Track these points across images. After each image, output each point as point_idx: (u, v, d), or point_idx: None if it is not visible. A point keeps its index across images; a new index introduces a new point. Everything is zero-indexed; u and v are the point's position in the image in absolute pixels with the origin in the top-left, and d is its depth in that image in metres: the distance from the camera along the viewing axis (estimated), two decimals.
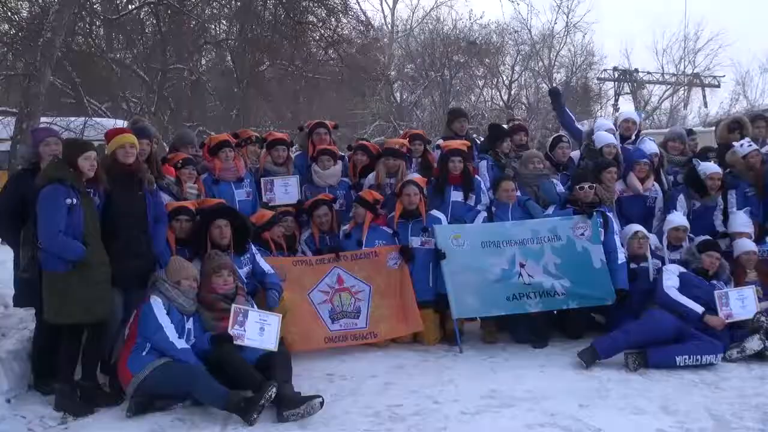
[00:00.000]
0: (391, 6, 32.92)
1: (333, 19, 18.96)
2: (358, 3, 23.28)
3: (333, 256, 7.07)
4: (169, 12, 18.46)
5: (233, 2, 20.74)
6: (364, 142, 8.79)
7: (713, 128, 10.61)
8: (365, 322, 7.04)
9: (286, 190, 7.68)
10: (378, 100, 28.73)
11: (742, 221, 7.60)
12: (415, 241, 7.18)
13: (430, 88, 31.06)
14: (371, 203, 7.24)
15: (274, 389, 5.05)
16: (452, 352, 6.92)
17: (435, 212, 7.33)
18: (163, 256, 5.93)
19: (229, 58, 22.12)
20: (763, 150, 8.07)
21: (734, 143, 8.14)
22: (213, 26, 22.04)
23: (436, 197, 7.55)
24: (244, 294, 5.95)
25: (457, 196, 7.57)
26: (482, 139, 9.11)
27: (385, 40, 31.50)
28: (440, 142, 8.16)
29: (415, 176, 7.40)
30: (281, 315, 5.92)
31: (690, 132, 9.46)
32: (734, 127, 8.70)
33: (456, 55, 31.49)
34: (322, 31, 19.13)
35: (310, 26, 18.98)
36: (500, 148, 8.17)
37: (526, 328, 7.19)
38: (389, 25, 32.86)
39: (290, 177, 7.78)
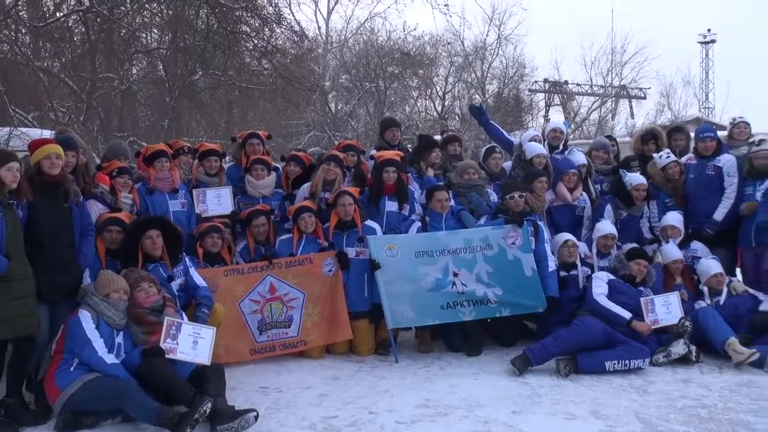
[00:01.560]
0: (325, 17, 32.98)
1: (267, 29, 18.88)
2: (292, 13, 23.29)
3: (266, 264, 7.01)
4: (98, 20, 18.09)
5: (165, 11, 20.47)
6: (298, 152, 8.77)
7: None
8: (297, 331, 7.01)
9: (218, 201, 7.60)
10: (313, 110, 28.67)
11: (674, 217, 7.90)
12: (350, 252, 7.19)
13: (364, 99, 31.15)
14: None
15: (209, 404, 4.96)
16: (387, 362, 6.94)
17: (370, 222, 7.34)
18: (91, 269, 5.80)
19: (161, 67, 21.81)
20: (682, 160, 8.34)
21: (654, 155, 8.39)
22: (144, 35, 21.70)
23: (371, 207, 7.58)
24: (173, 306, 5.84)
25: (391, 206, 7.60)
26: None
27: (320, 50, 31.48)
28: (374, 152, 8.21)
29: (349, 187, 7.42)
30: (215, 328, 5.85)
31: (610, 138, 9.70)
32: (648, 138, 8.98)
33: (390, 66, 31.67)
34: (256, 41, 19.03)
35: (244, 36, 18.86)
36: (427, 159, 8.24)
37: (460, 337, 7.26)
38: (324, 36, 32.88)
39: (223, 188, 7.71)
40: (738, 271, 8.08)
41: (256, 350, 6.91)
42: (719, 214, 7.85)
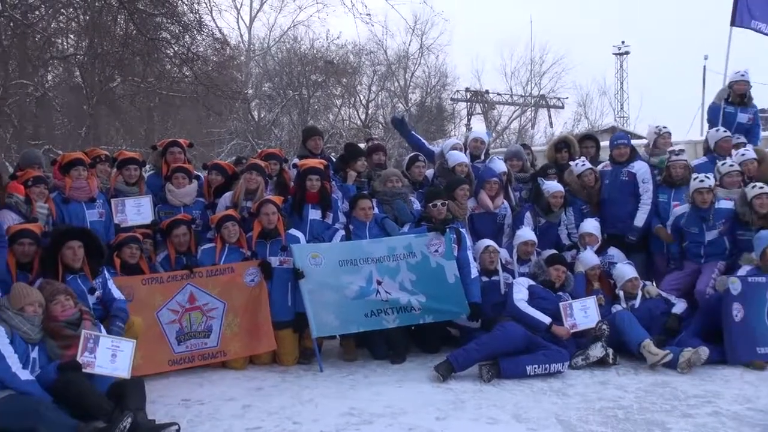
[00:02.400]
0: (247, 24, 32.66)
1: (187, 36, 18.56)
2: (214, 20, 22.93)
3: (186, 273, 6.90)
4: (11, 24, 17.49)
5: (81, 17, 19.93)
6: (220, 161, 8.68)
7: None
8: (216, 341, 6.92)
9: (138, 211, 7.45)
10: (235, 118, 28.39)
11: (591, 225, 8.12)
12: (273, 261, 7.14)
13: (288, 107, 31.01)
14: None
15: (128, 419, 4.85)
16: (312, 372, 6.91)
17: (293, 231, 7.31)
18: (2, 283, 5.60)
19: (78, 73, 21.23)
20: (598, 168, 8.59)
21: (571, 163, 8.62)
22: (60, 40, 21.08)
23: (294, 216, 7.55)
24: (90, 318, 5.69)
25: (315, 214, 7.58)
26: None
27: (242, 58, 31.16)
28: (296, 160, 8.19)
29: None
30: (134, 340, 5.71)
31: (525, 146, 9.93)
32: (561, 146, 9.25)
33: (314, 74, 31.62)
34: (176, 48, 18.69)
35: (164, 43, 18.51)
36: (353, 168, 8.27)
37: (384, 345, 7.29)
38: (246, 43, 32.56)
39: (142, 197, 7.56)
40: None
41: (174, 361, 6.79)
42: (639, 221, 8.14)
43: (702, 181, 7.54)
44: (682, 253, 7.87)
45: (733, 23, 9.53)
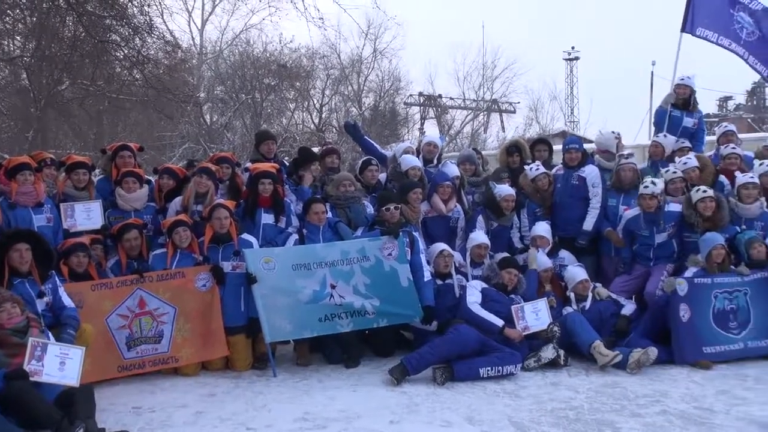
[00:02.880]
0: (199, 27, 32.31)
1: (138, 39, 18.30)
2: (165, 23, 22.60)
3: (136, 277, 6.80)
4: None
5: (28, 18, 19.52)
6: (171, 165, 8.58)
7: None
8: (167, 347, 6.83)
9: (88, 216, 7.33)
10: (187, 122, 28.04)
11: (543, 227, 8.25)
12: (226, 266, 7.08)
13: (241, 111, 30.73)
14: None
15: (80, 429, 4.77)
16: (265, 377, 6.86)
17: (246, 236, 7.26)
18: None
19: (25, 76, 20.77)
20: (553, 172, 8.71)
21: (525, 167, 8.72)
22: (6, 42, 20.62)
23: (247, 220, 7.50)
24: (38, 326, 5.57)
25: (267, 218, 7.55)
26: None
27: (194, 61, 30.82)
28: (249, 164, 8.14)
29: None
30: (84, 348, 5.62)
31: (475, 151, 10.01)
32: (513, 150, 9.37)
33: (267, 77, 31.40)
34: (126, 51, 18.41)
35: (113, 45, 18.23)
36: (307, 171, 8.24)
37: (338, 349, 7.28)
38: (198, 47, 32.21)
39: (92, 202, 7.44)
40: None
41: (124, 367, 6.69)
42: (588, 224, 8.27)
43: (647, 186, 7.70)
44: (632, 256, 8.02)
45: (683, 29, 9.74)
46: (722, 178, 8.37)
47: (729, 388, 6.25)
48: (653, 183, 7.73)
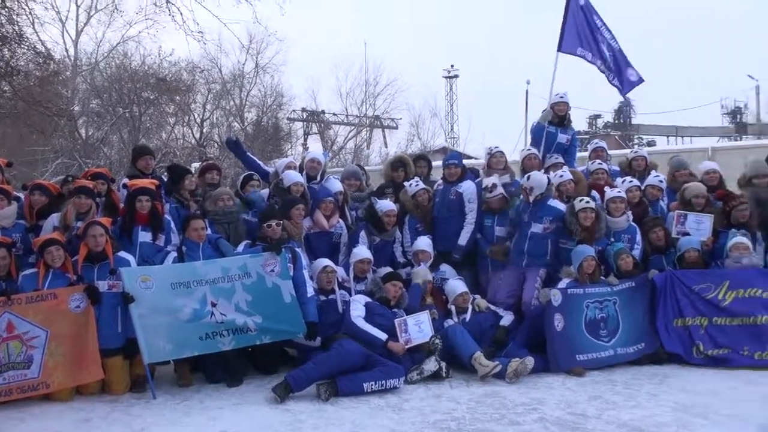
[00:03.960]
0: (73, 38, 31.13)
1: (6, 50, 17.51)
2: (36, 33, 21.63)
3: (3, 299, 6.46)
4: None
5: None
6: (42, 181, 8.23)
7: None
8: (37, 372, 6.50)
9: None
10: (60, 136, 26.98)
11: (424, 242, 8.35)
12: (101, 286, 6.81)
13: (118, 125, 29.82)
14: None
15: None
16: (144, 399, 6.64)
17: (123, 254, 7.03)
18: None
19: None
20: (434, 187, 8.87)
21: (405, 183, 8.86)
22: None
23: (124, 238, 7.27)
24: None
25: (145, 236, 7.34)
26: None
27: (68, 73, 29.67)
28: (126, 180, 7.91)
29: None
30: None
31: (360, 167, 10.11)
32: (397, 165, 9.52)
33: (145, 91, 30.60)
34: None
35: None
36: (183, 188, 8.10)
37: (220, 368, 7.14)
38: (72, 58, 31.01)
39: None
40: None
41: None
42: (463, 239, 8.47)
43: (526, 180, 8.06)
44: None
45: (559, 49, 10.14)
46: (593, 192, 8.76)
47: (600, 394, 6.54)
48: (527, 178, 8.02)
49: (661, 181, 8.94)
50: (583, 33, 10.24)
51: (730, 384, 6.73)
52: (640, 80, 10.46)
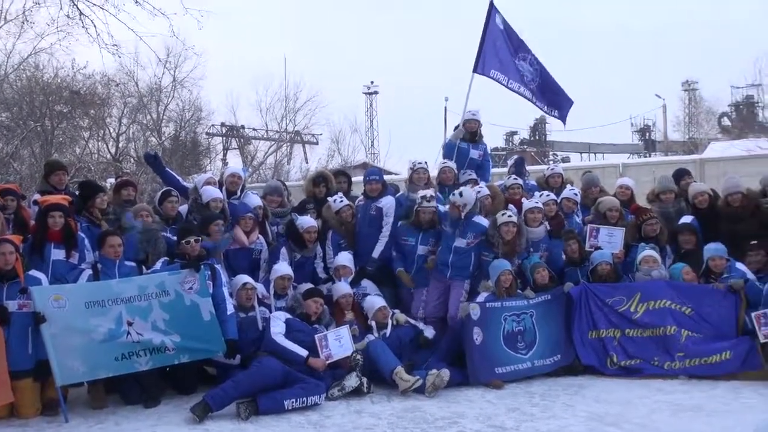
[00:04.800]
0: None
1: None
2: None
3: None
4: None
5: None
6: None
7: None
8: None
9: None
10: None
11: (345, 257, 8.41)
12: (11, 305, 6.56)
13: (29, 139, 28.83)
14: None
15: None
16: (56, 423, 6.43)
17: (34, 272, 6.80)
18: None
19: None
20: (356, 203, 8.91)
21: (329, 198, 8.86)
22: None
23: (35, 256, 7.04)
24: None
25: (58, 254, 7.12)
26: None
27: None
28: (37, 197, 7.67)
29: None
30: None
31: (282, 183, 10.07)
32: (319, 181, 9.56)
33: (58, 104, 29.71)
34: None
35: None
36: (94, 206, 7.91)
37: (136, 389, 6.97)
38: None
39: None
40: None
41: None
42: (376, 252, 8.53)
43: (453, 195, 8.09)
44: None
45: (475, 70, 10.33)
46: (511, 206, 8.94)
47: (519, 406, 6.67)
48: (460, 194, 8.07)
49: (576, 194, 9.26)
50: (500, 58, 10.47)
51: (641, 393, 6.96)
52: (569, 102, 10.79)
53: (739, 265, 7.95)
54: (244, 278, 7.65)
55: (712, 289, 7.78)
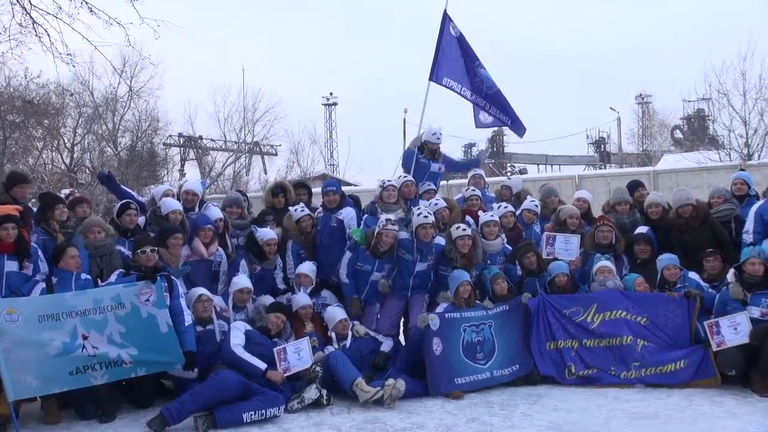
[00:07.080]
0: None
1: None
2: None
3: None
4: None
5: None
6: None
7: None
8: None
9: None
10: None
11: (307, 267, 8.37)
12: None
13: None
14: None
15: None
16: None
17: None
18: None
19: None
20: (315, 214, 8.89)
21: (290, 208, 8.82)
22: None
23: None
24: None
25: (11, 265, 6.97)
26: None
27: None
28: None
29: None
30: None
31: (242, 194, 10.03)
32: (278, 191, 9.57)
33: (11, 114, 29.18)
34: None
35: None
36: (53, 217, 7.76)
37: (92, 403, 6.84)
38: None
39: None
40: None
41: None
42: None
43: (426, 217, 8.10)
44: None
45: (431, 78, 10.37)
46: (468, 218, 9.01)
47: (478, 416, 6.70)
48: (429, 214, 8.14)
49: (536, 206, 9.42)
50: (454, 66, 10.51)
51: (599, 402, 7.05)
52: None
53: (692, 275, 8.11)
54: (200, 290, 7.58)
55: (666, 297, 7.91)
